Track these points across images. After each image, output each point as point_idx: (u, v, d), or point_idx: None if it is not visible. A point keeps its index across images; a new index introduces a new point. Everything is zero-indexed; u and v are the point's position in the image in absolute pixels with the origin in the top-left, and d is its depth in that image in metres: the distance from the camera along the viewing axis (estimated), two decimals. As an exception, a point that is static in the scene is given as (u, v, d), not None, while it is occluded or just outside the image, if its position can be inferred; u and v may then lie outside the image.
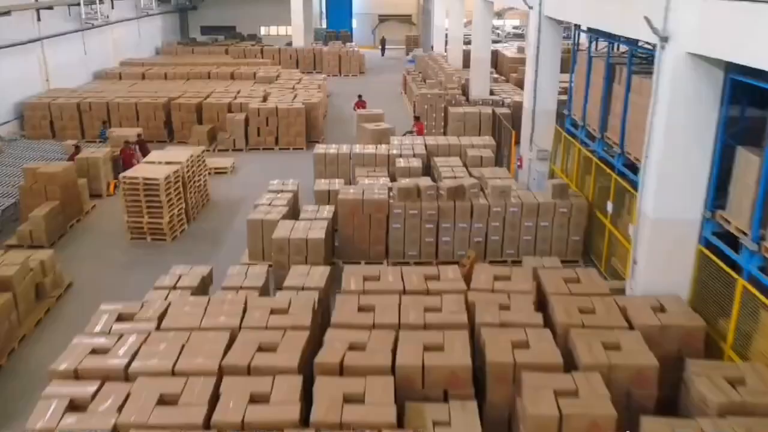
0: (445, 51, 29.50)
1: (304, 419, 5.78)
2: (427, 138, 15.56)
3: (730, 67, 7.05)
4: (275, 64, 29.95)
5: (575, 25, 13.54)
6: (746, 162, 7.09)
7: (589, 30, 12.57)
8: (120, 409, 5.81)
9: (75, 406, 5.89)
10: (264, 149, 18.72)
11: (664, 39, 7.31)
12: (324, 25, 44.84)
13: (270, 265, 9.79)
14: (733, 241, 7.36)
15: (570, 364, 6.66)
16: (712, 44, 6.73)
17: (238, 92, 20.97)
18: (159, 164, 12.87)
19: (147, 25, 32.28)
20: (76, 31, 23.53)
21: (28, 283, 9.56)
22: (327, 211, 11.26)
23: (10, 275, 9.08)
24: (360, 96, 21.40)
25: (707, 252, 7.62)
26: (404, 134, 16.90)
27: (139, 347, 6.69)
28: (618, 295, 8.11)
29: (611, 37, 11.58)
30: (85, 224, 13.44)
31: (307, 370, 6.58)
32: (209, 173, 15.10)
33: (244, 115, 18.79)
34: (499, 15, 31.52)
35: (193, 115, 19.34)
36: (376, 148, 14.41)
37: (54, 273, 10.35)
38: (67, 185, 13.04)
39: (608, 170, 10.68)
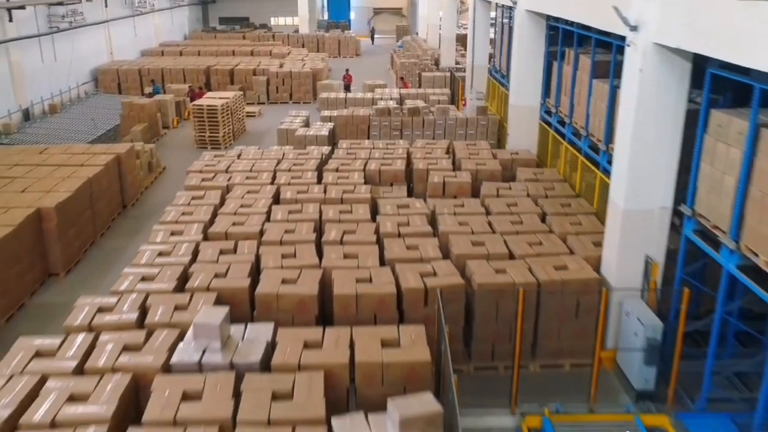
0: (426, 35, 35.58)
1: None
2: (401, 90, 21.58)
3: (551, 18, 13.00)
4: (285, 45, 35.96)
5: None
6: (554, 69, 13.07)
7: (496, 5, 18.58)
8: (227, 178, 11.84)
9: (201, 188, 11.92)
10: (281, 103, 24.76)
11: (514, 3, 13.29)
12: (326, 17, 50.97)
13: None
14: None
15: (457, 172, 12.67)
16: (539, 5, 12.66)
17: (260, 63, 26.98)
18: (214, 98, 18.90)
19: (178, 15, 38.38)
20: (130, 16, 29.59)
21: (146, 158, 15.56)
22: (329, 124, 17.24)
23: (139, 149, 15.09)
24: (347, 70, 26.86)
25: (543, 123, 13.61)
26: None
27: (230, 164, 12.74)
28: (497, 153, 14.13)
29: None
30: (162, 142, 19.45)
31: (319, 172, 12.56)
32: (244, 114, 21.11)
33: (266, 77, 24.82)
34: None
35: (227, 78, 25.41)
36: (364, 93, 20.42)
37: (156, 158, 16.36)
38: (150, 114, 19.05)
39: (510, 95, 16.62)
